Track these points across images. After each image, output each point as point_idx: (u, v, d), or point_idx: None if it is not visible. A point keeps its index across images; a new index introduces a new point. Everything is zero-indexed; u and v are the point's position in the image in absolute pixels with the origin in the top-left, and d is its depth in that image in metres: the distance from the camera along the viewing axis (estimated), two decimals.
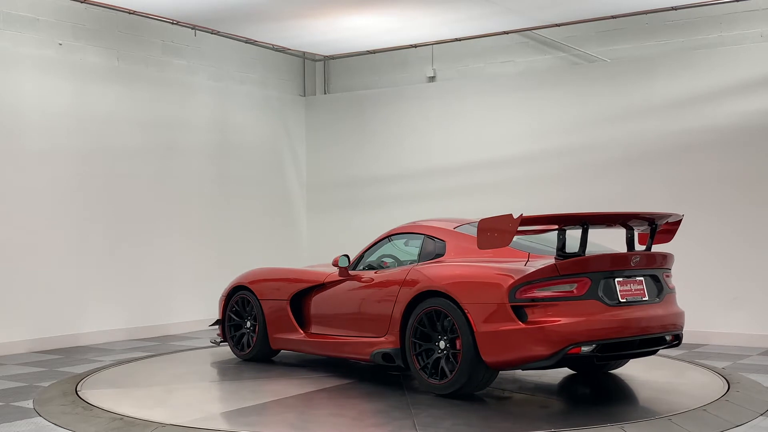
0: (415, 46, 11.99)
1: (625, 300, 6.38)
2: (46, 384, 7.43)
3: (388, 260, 7.63)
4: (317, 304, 8.03)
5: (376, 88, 12.96)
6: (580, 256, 6.30)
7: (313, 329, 8.02)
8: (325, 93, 13.57)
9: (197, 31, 11.22)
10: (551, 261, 6.28)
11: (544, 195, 11.02)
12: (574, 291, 6.17)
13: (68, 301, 10.02)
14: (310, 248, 13.23)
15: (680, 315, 6.82)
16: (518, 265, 6.39)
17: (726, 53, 10.15)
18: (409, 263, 7.31)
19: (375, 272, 7.48)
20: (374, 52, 12.30)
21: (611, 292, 6.32)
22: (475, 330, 6.29)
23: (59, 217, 9.98)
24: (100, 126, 10.45)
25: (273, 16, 10.22)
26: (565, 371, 7.66)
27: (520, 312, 6.14)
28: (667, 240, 7.10)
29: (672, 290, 6.86)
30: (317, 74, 13.61)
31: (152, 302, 11.00)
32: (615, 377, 7.59)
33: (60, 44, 10.18)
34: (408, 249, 7.60)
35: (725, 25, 10.30)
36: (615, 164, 10.75)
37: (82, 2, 9.77)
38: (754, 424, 5.91)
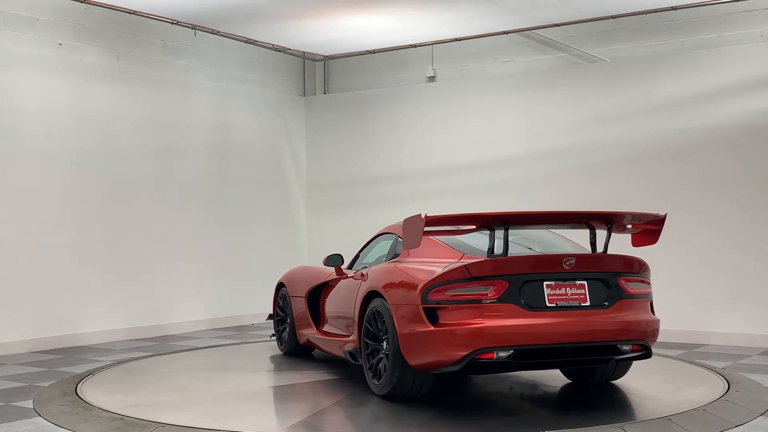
0: (415, 46, 11.99)
1: (554, 305, 6.02)
2: (46, 384, 7.43)
3: (376, 260, 7.66)
4: (325, 302, 8.25)
5: (376, 88, 12.96)
6: (502, 257, 6.08)
7: (324, 326, 8.19)
8: (325, 93, 13.57)
9: (197, 31, 11.22)
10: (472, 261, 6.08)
11: (544, 195, 11.02)
12: (489, 294, 5.93)
13: (68, 301, 10.02)
14: (310, 248, 13.23)
15: (643, 323, 6.30)
16: (440, 266, 6.19)
17: (726, 53, 10.15)
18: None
19: (358, 272, 7.51)
20: (374, 52, 12.30)
21: (537, 296, 6.00)
22: (397, 331, 6.25)
23: (59, 217, 9.98)
24: (100, 126, 10.45)
25: (273, 16, 10.22)
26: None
27: (433, 314, 6.00)
28: (652, 242, 6.66)
29: (634, 296, 6.30)
30: (317, 74, 13.61)
31: (152, 302, 11.00)
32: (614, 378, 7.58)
33: (60, 44, 10.18)
34: (387, 248, 7.66)
35: (725, 25, 10.30)
36: (615, 164, 10.75)
37: (82, 2, 9.76)
38: (754, 424, 5.91)
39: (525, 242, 6.90)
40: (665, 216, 6.48)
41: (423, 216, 5.88)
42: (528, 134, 11.41)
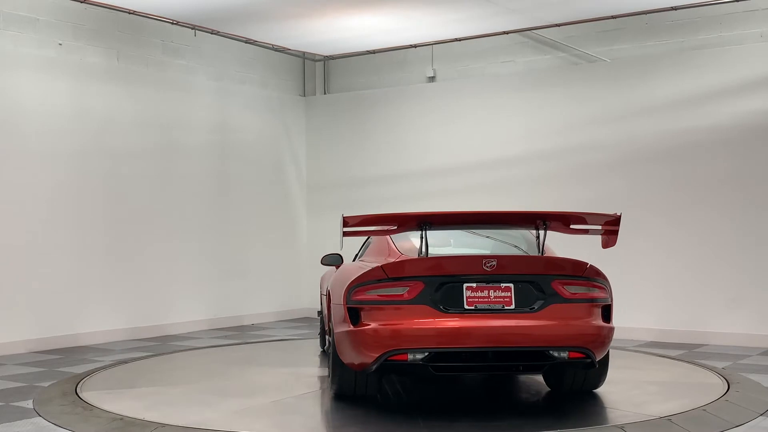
0: (415, 46, 11.99)
1: (473, 307, 5.85)
2: (46, 384, 7.43)
3: None
4: None
5: (376, 88, 12.96)
6: (420, 258, 6.04)
7: None
8: (325, 93, 13.57)
9: (197, 31, 11.22)
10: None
11: (544, 195, 11.02)
12: (404, 295, 5.85)
13: (68, 301, 10.02)
14: (310, 248, 13.22)
15: (582, 329, 5.93)
16: (370, 267, 6.18)
17: (726, 53, 10.15)
18: None
19: None
20: (374, 52, 12.30)
21: (455, 298, 5.85)
22: (333, 330, 6.32)
23: (59, 217, 9.98)
24: (100, 126, 10.45)
25: (273, 16, 10.22)
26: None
27: (355, 314, 5.97)
28: (612, 243, 6.40)
29: (572, 300, 5.96)
30: (317, 74, 13.61)
31: (152, 302, 11.00)
32: (614, 377, 7.58)
33: (60, 44, 10.18)
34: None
35: (725, 25, 10.30)
36: (615, 164, 10.75)
37: (82, 2, 9.76)
38: (754, 424, 5.91)
39: (486, 244, 6.80)
40: (620, 216, 6.19)
41: (341, 217, 5.90)
42: (528, 134, 11.41)
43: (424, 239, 6.10)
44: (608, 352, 6.36)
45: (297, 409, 6.50)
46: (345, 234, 6.04)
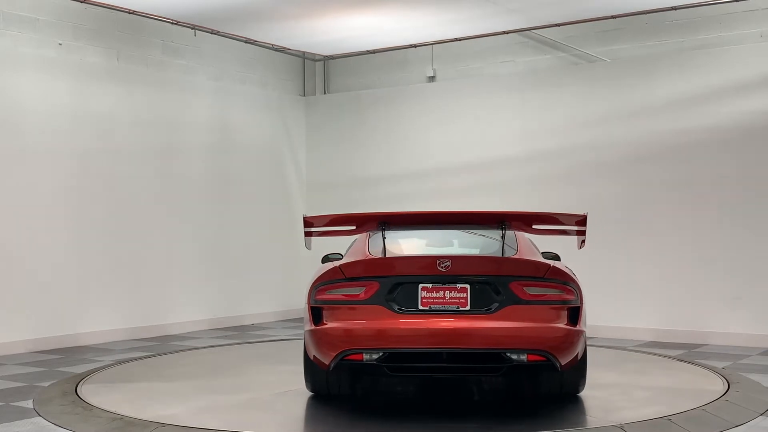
0: (415, 46, 11.99)
1: (427, 308, 5.85)
2: (46, 384, 7.43)
3: None
4: None
5: (376, 88, 12.96)
6: (377, 258, 6.05)
7: None
8: (325, 93, 13.57)
9: (197, 31, 11.22)
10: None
11: (544, 195, 11.02)
12: (360, 295, 5.90)
13: (68, 301, 10.02)
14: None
15: (541, 331, 5.83)
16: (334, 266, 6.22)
17: (726, 53, 10.15)
18: None
19: None
20: (374, 52, 12.30)
21: (410, 299, 5.86)
22: (304, 329, 6.34)
23: (59, 216, 9.98)
24: (100, 126, 10.45)
25: (273, 16, 10.22)
26: None
27: (318, 314, 6.05)
28: (582, 244, 6.39)
29: (531, 302, 5.86)
30: (317, 74, 13.61)
31: (152, 302, 11.00)
32: (614, 378, 7.58)
33: (60, 44, 10.18)
34: None
35: (725, 25, 10.30)
36: (615, 164, 10.75)
37: (82, 2, 9.76)
38: (754, 424, 5.91)
39: (465, 243, 6.76)
40: (585, 216, 6.10)
41: (303, 217, 5.95)
42: (528, 134, 11.41)
43: (383, 240, 6.12)
44: (583, 355, 6.22)
45: (298, 408, 6.50)
46: (307, 234, 6.11)
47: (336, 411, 6.32)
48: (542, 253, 7.76)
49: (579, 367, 6.28)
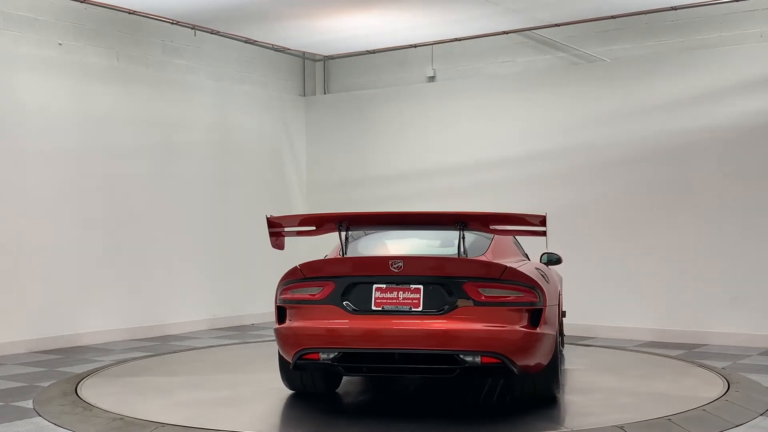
0: (415, 46, 11.99)
1: (380, 308, 5.86)
2: (46, 384, 7.43)
3: None
4: None
5: (376, 88, 12.96)
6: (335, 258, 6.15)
7: None
8: (325, 93, 13.57)
9: (197, 31, 11.22)
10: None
11: (544, 195, 11.01)
12: (317, 295, 5.99)
13: (68, 301, 10.02)
14: (310, 248, 13.20)
15: (495, 333, 5.72)
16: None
17: (726, 53, 10.15)
18: None
19: None
20: (374, 52, 12.30)
21: (364, 299, 5.89)
22: None
23: (59, 216, 9.98)
24: (99, 126, 10.45)
25: (273, 16, 10.22)
26: (567, 372, 7.64)
27: (282, 313, 6.23)
28: (545, 243, 6.41)
29: (485, 303, 5.77)
30: (317, 74, 13.61)
31: (152, 302, 11.00)
32: (613, 378, 7.58)
33: (60, 44, 10.18)
34: None
35: (725, 25, 10.30)
36: (615, 164, 10.75)
37: (82, 2, 9.76)
38: (754, 424, 5.91)
39: (433, 245, 6.77)
40: (545, 216, 5.95)
41: (266, 218, 6.02)
42: (528, 134, 11.41)
43: (343, 240, 6.22)
44: (552, 359, 6.15)
45: (299, 409, 6.50)
46: (272, 234, 6.20)
47: (337, 411, 6.31)
48: (544, 254, 7.76)
49: (548, 371, 6.17)
